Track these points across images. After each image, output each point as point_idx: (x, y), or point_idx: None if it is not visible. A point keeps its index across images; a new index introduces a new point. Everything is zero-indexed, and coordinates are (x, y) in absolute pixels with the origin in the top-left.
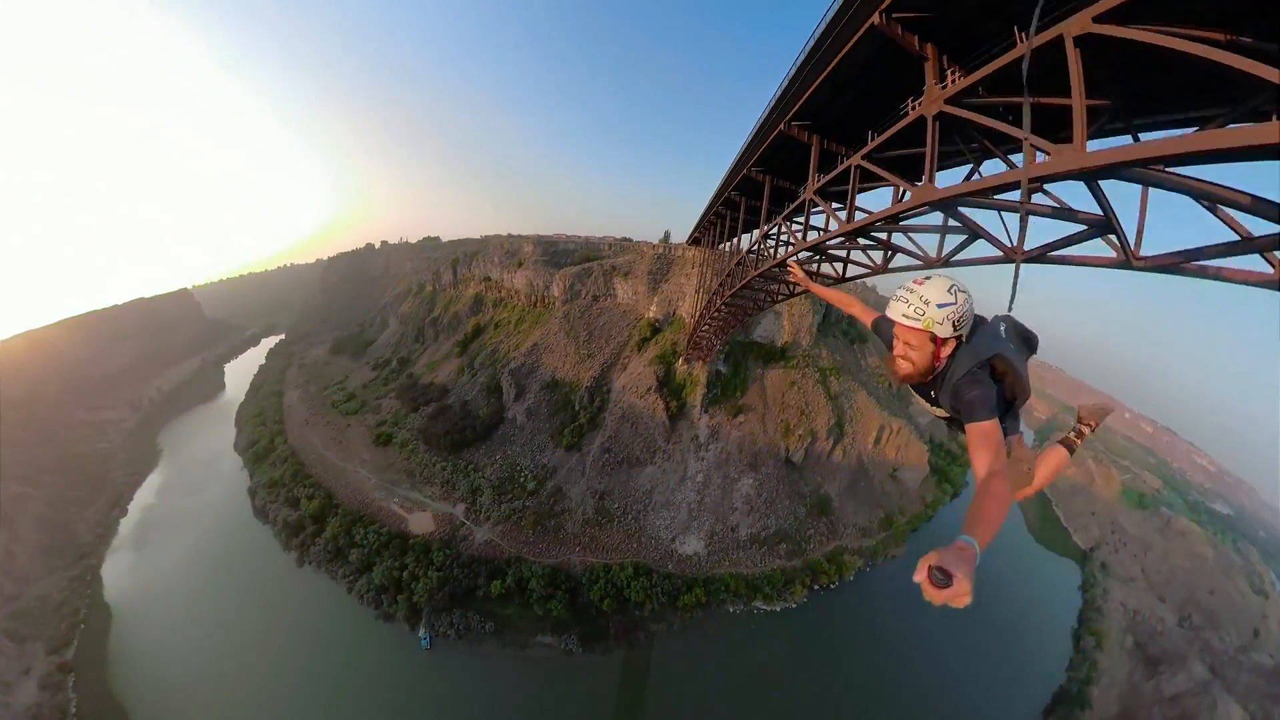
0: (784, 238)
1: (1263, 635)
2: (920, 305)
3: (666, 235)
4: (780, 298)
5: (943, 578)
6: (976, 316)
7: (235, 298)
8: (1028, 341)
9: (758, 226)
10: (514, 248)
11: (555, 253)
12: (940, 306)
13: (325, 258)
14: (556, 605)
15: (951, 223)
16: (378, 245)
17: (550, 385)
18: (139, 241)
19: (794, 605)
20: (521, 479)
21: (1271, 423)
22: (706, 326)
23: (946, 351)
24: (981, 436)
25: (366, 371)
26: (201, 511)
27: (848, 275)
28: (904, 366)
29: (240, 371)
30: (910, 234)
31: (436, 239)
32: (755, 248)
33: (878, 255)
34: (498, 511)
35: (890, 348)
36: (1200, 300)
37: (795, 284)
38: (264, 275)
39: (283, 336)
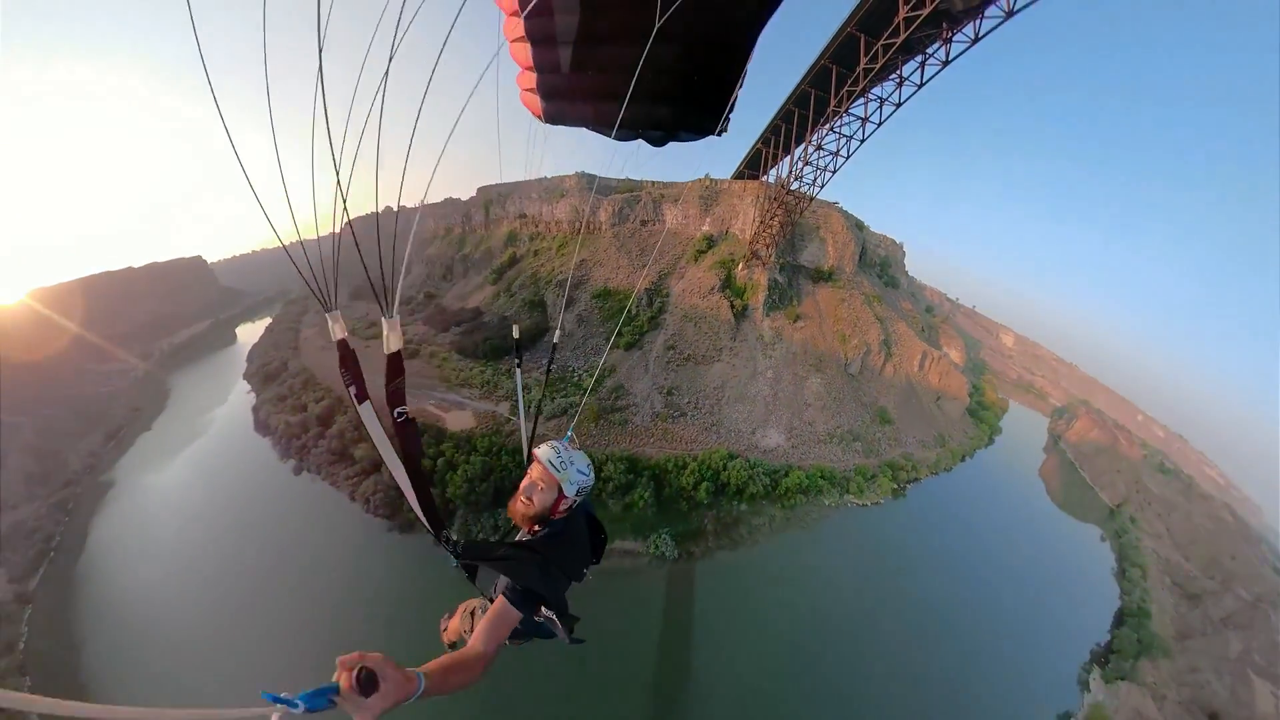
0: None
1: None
2: (566, 460)
3: (707, 175)
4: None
5: (369, 684)
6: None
7: (248, 269)
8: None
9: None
10: (554, 184)
11: (599, 186)
12: (580, 472)
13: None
14: (640, 495)
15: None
16: (395, 208)
17: (602, 294)
18: (155, 219)
19: (880, 502)
20: (574, 378)
21: (1274, 440)
22: (766, 232)
23: (563, 507)
24: (504, 617)
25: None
26: (199, 433)
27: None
28: (523, 506)
29: (256, 329)
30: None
31: (458, 200)
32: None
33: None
34: (551, 406)
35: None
36: (1215, 306)
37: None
38: (276, 250)
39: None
